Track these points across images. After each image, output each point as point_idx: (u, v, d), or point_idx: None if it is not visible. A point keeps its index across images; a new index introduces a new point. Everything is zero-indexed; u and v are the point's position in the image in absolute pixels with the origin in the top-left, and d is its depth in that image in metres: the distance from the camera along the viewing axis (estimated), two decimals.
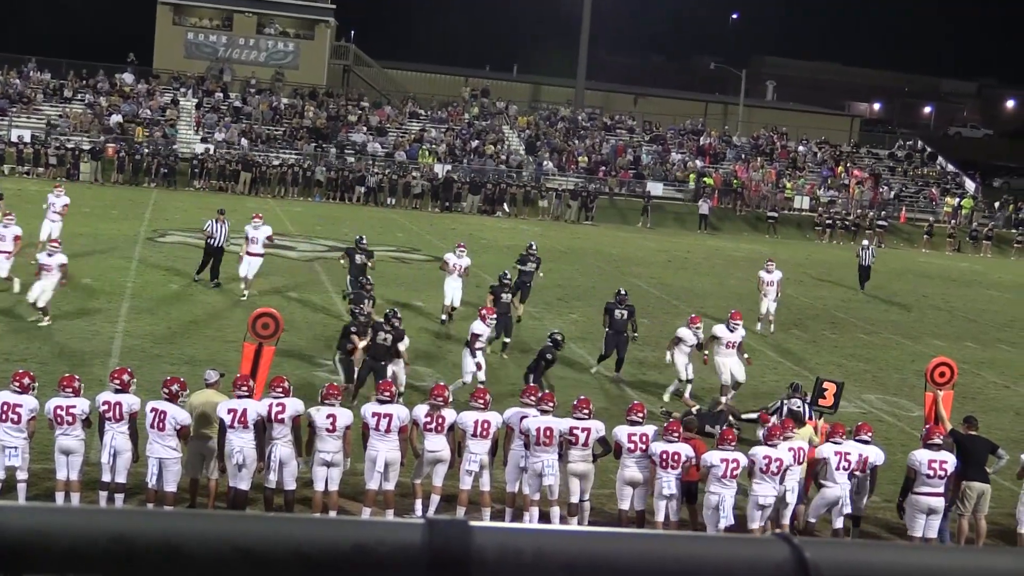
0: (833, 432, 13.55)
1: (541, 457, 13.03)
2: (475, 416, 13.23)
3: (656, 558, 1.61)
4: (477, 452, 13.16)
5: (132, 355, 19.12)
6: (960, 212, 62.23)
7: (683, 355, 19.75)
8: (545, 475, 13.02)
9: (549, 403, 13.36)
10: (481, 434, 13.16)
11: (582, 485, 13.30)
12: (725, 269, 39.53)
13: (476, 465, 13.17)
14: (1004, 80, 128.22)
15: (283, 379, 13.24)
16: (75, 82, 60.39)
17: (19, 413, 12.29)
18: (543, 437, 13.01)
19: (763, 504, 12.92)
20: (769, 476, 12.83)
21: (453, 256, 24.67)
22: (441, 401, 13.27)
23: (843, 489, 13.23)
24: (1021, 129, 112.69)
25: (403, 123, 63.22)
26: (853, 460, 13.28)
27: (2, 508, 1.51)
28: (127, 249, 31.08)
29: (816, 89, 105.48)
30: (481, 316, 19.07)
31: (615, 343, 20.80)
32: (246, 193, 51.25)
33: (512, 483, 13.52)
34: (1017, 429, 19.48)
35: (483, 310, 19.40)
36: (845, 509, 13.32)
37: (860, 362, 24.75)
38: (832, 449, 13.29)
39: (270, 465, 12.71)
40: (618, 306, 20.93)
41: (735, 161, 64.77)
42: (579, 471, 13.22)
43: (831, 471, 13.25)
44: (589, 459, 13.31)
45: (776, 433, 13.14)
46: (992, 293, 40.16)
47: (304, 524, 1.56)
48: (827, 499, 13.31)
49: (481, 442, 13.18)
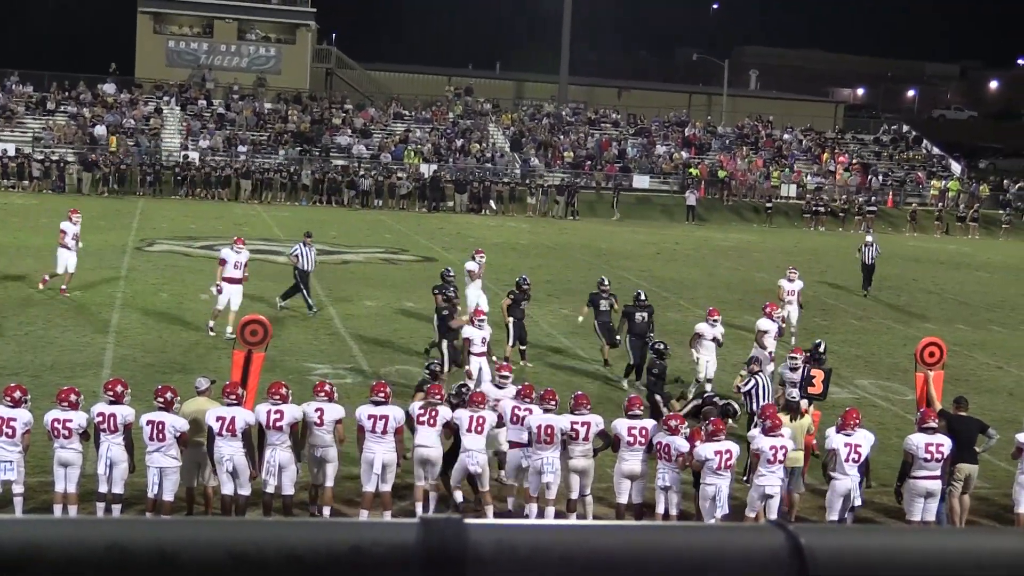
0: (844, 423, 13.21)
1: (541, 455, 13.02)
2: (470, 412, 13.20)
3: (652, 549, 1.61)
4: (472, 448, 13.08)
5: (124, 365, 19.08)
6: (947, 195, 62.35)
7: (707, 351, 19.06)
8: (544, 472, 13.00)
9: (551, 401, 13.34)
10: (476, 429, 13.12)
11: (582, 481, 13.28)
12: (714, 259, 39.56)
13: (477, 467, 13.09)
14: (987, 62, 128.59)
15: (281, 385, 13.19)
16: (58, 94, 60.22)
17: (13, 427, 12.27)
18: (544, 435, 12.99)
19: (769, 494, 12.88)
20: (776, 465, 12.81)
21: (474, 264, 23.44)
22: (438, 398, 13.25)
23: (853, 481, 13.02)
24: (1005, 110, 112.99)
25: (387, 124, 63.15)
26: (863, 451, 13.08)
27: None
28: (116, 259, 31.00)
29: (799, 77, 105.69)
30: (470, 320, 18.52)
31: (639, 351, 19.57)
32: (255, 201, 51.26)
33: (511, 481, 13.53)
34: (1011, 410, 19.50)
35: (474, 313, 18.75)
36: (856, 502, 13.08)
37: (852, 347, 24.78)
38: (842, 440, 13.00)
39: (268, 470, 12.70)
40: (637, 309, 20.10)
41: (720, 151, 64.84)
42: (579, 467, 13.20)
43: (840, 462, 12.98)
44: (589, 454, 13.29)
45: (778, 424, 13.07)
46: (981, 275, 40.25)
47: (299, 527, 1.56)
48: (838, 491, 13.01)
49: (476, 437, 13.12)
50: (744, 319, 25.04)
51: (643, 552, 1.60)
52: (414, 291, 27.76)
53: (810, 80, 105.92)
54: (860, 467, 13.18)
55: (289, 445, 12.81)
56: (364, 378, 19.01)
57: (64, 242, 25.27)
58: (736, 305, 28.45)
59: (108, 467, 12.35)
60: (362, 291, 28.25)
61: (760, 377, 16.38)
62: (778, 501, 13.04)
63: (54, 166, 51.08)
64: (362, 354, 21.37)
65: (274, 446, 12.72)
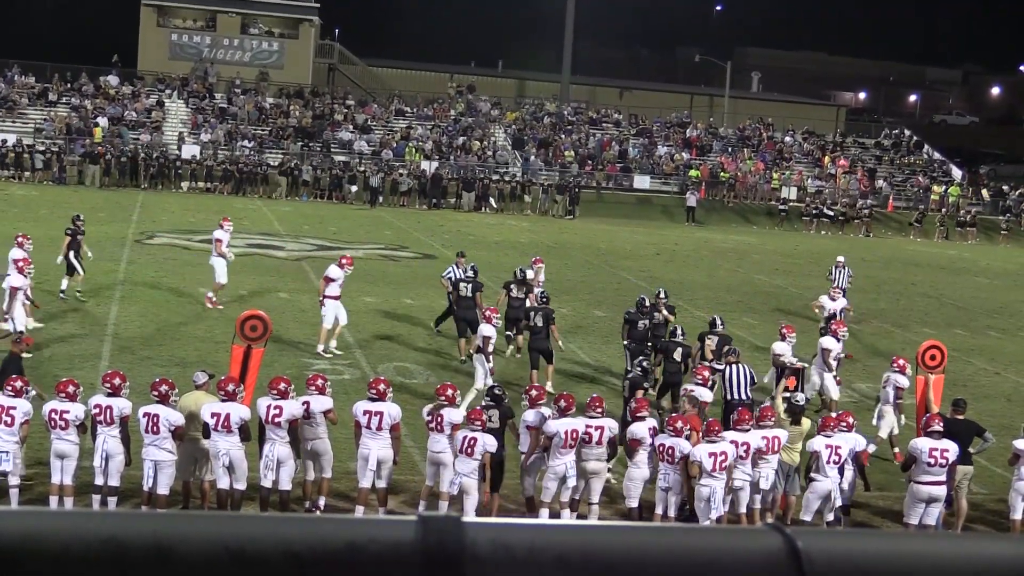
0: (824, 425, 13.50)
1: (564, 459, 12.96)
2: (463, 432, 12.89)
3: (649, 550, 1.61)
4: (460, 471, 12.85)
5: (122, 357, 19.09)
6: (947, 200, 62.32)
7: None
8: (569, 477, 12.94)
9: (566, 402, 13.30)
10: (467, 451, 12.76)
11: (594, 484, 13.25)
12: (714, 261, 39.56)
13: (454, 488, 12.80)
14: (989, 67, 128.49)
15: (281, 380, 13.15)
16: (59, 85, 60.20)
17: (12, 416, 12.28)
18: (570, 439, 12.97)
19: (736, 487, 12.99)
20: (739, 461, 12.94)
21: (529, 271, 22.62)
22: (444, 400, 13.20)
23: (833, 483, 13.19)
24: (1006, 116, 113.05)
25: (389, 121, 63.14)
26: (844, 452, 13.24)
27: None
28: (115, 251, 30.99)
29: (801, 79, 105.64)
30: (487, 318, 18.10)
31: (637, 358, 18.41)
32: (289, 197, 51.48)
33: (529, 488, 13.38)
34: (1008, 415, 19.51)
35: (488, 311, 18.42)
36: (837, 502, 13.26)
37: (849, 350, 24.74)
38: (823, 442, 13.21)
39: (267, 464, 12.69)
40: (640, 316, 19.51)
41: (721, 153, 64.82)
42: (592, 469, 13.19)
43: (822, 464, 13.18)
44: (603, 458, 13.28)
45: (745, 418, 13.20)
46: (981, 280, 40.26)
47: (296, 523, 1.55)
48: (819, 492, 13.24)
49: (465, 460, 12.77)
50: (743, 321, 25.07)
51: (640, 553, 1.60)
52: (413, 288, 27.77)
53: (812, 83, 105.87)
54: (841, 469, 13.28)
55: (288, 441, 12.81)
56: (362, 374, 19.02)
57: (221, 251, 24.16)
58: (735, 307, 28.49)
59: (104, 459, 12.36)
60: (361, 287, 28.22)
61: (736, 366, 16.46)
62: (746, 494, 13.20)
63: (55, 157, 51.08)
64: (360, 350, 21.38)
65: (273, 441, 12.70)
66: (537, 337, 19.23)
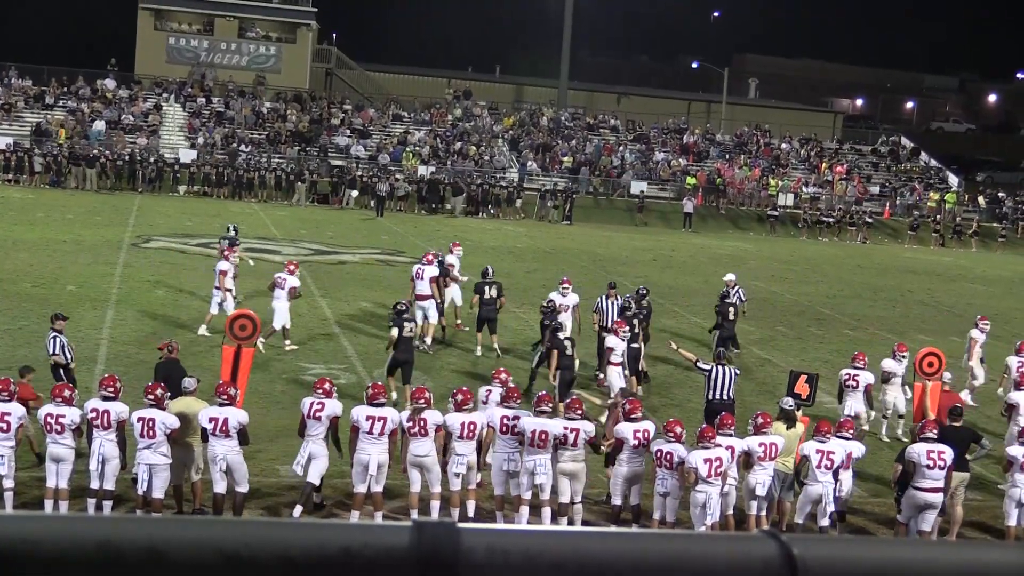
0: (818, 430, 13.49)
1: (534, 457, 13.06)
2: (461, 418, 13.20)
3: (645, 556, 1.61)
4: (464, 453, 13.15)
5: (118, 361, 19.07)
6: (944, 207, 62.36)
7: (894, 388, 18.54)
8: (537, 473, 13.04)
9: (547, 404, 13.34)
10: (467, 435, 13.16)
11: (573, 486, 13.29)
12: (710, 267, 39.54)
13: (463, 467, 13.18)
14: (986, 75, 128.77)
15: (325, 380, 13.64)
16: (57, 89, 60.19)
17: (7, 421, 12.27)
18: (537, 440, 13.01)
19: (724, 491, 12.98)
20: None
21: (558, 296, 21.74)
22: (423, 403, 13.23)
23: (825, 487, 13.20)
24: (1003, 123, 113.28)
25: (386, 125, 63.14)
26: (836, 459, 13.23)
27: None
28: (111, 255, 30.97)
29: (798, 86, 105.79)
30: (614, 331, 18.55)
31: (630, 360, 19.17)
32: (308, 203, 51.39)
33: (499, 486, 13.46)
34: (1003, 422, 19.48)
35: (615, 324, 18.78)
36: (829, 508, 13.28)
37: (846, 358, 24.65)
38: (814, 447, 13.25)
39: (298, 461, 13.05)
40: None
41: (718, 159, 64.84)
42: (569, 470, 13.22)
43: (813, 469, 13.23)
44: (580, 459, 13.30)
45: (709, 435, 13.03)
46: (977, 287, 40.27)
47: (290, 528, 1.55)
48: (810, 497, 13.29)
49: (467, 443, 13.18)
50: (740, 327, 25.01)
51: (635, 559, 1.60)
52: (409, 293, 27.70)
53: (809, 90, 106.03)
54: (835, 474, 13.28)
55: (323, 438, 13.07)
56: (358, 378, 19.01)
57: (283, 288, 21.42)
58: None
59: (100, 463, 12.35)
60: (358, 292, 28.26)
61: (722, 367, 16.48)
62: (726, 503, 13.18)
63: (52, 160, 51.04)
64: (356, 354, 21.37)
65: (310, 437, 13.03)
66: (488, 308, 21.93)
